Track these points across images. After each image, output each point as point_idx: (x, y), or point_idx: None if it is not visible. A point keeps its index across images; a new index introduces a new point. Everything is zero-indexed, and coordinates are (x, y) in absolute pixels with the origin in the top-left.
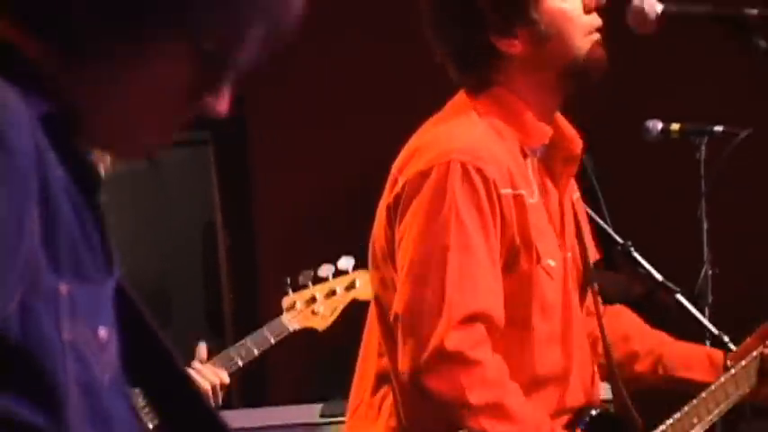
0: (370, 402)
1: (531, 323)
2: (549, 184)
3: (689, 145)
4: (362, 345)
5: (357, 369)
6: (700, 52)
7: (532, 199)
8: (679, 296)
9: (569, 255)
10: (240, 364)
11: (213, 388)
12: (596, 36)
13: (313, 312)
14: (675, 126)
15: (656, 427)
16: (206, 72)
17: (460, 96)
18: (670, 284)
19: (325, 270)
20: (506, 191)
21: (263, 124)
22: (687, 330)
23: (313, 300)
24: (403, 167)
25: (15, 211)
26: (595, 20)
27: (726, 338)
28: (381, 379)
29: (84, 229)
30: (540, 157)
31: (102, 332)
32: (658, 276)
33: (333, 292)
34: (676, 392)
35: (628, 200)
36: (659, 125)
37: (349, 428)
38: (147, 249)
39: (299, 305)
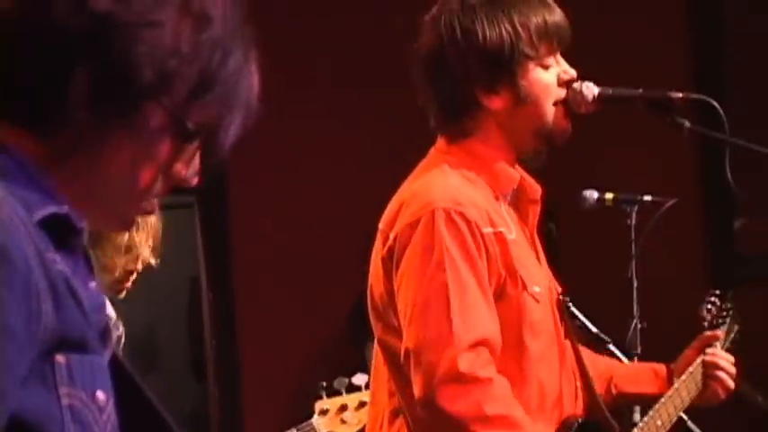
0: None
1: (524, 343)
2: (520, 224)
3: (621, 212)
4: (371, 389)
5: (369, 412)
6: (631, 130)
7: (511, 235)
8: (611, 346)
9: (548, 282)
10: None
11: None
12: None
13: (342, 421)
14: (609, 195)
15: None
16: (183, 150)
17: (432, 152)
18: (603, 336)
19: (359, 379)
20: (488, 230)
21: (244, 190)
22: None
23: (344, 408)
24: (392, 222)
25: (23, 315)
26: (562, 92)
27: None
28: (394, 415)
29: (84, 311)
30: (510, 201)
31: (100, 395)
32: (593, 328)
33: (363, 404)
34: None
35: (566, 260)
36: (595, 194)
37: None
38: (137, 302)
39: (331, 411)
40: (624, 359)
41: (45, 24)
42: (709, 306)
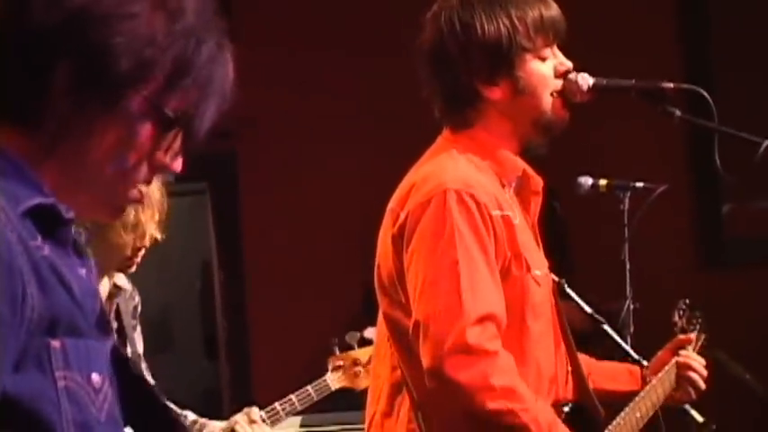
0: (387, 411)
1: (526, 323)
2: (523, 212)
3: (614, 198)
4: (373, 364)
5: (370, 386)
6: (624, 119)
7: (516, 220)
8: (605, 326)
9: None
10: (285, 417)
11: None
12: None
13: (355, 375)
14: (603, 182)
15: (612, 419)
16: (163, 137)
17: (439, 140)
18: (597, 316)
19: (370, 332)
20: (496, 212)
21: (254, 177)
22: (611, 356)
23: (356, 363)
24: (403, 202)
25: (7, 298)
26: (559, 83)
27: (645, 362)
28: (396, 389)
29: (73, 295)
30: (514, 190)
31: (96, 377)
32: (588, 309)
33: None
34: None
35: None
36: (590, 181)
37: None
38: (152, 285)
39: (344, 367)
40: (617, 338)
41: (23, 22)
42: (681, 313)
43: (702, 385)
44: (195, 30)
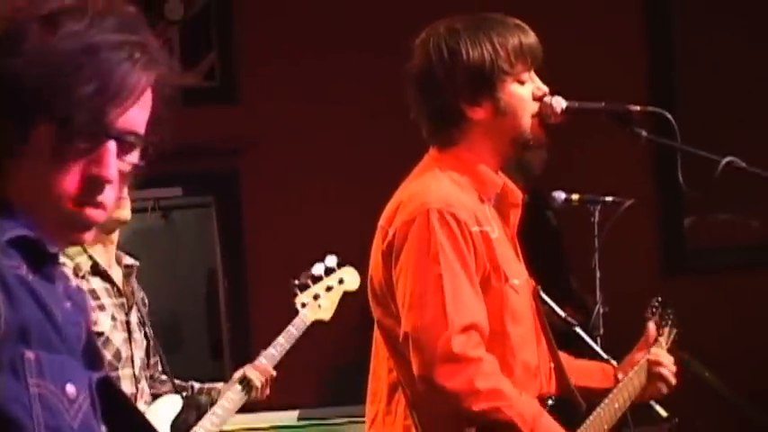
0: (387, 410)
1: (506, 328)
2: (502, 225)
3: (586, 211)
4: (372, 367)
5: (369, 387)
6: (595, 139)
7: (495, 234)
8: (577, 329)
9: (526, 276)
10: (279, 357)
11: (266, 381)
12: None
13: (319, 306)
14: (575, 196)
15: (590, 411)
16: (87, 151)
17: (426, 158)
18: (570, 319)
19: (318, 269)
20: (475, 228)
21: (256, 191)
22: (583, 355)
23: (317, 296)
24: (391, 220)
25: None
26: (536, 106)
27: (614, 362)
28: (393, 389)
29: (51, 316)
30: (494, 204)
31: (71, 388)
32: (561, 313)
33: (329, 288)
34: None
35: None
36: (563, 195)
37: None
38: (162, 291)
39: (309, 302)
40: (588, 339)
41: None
42: (654, 310)
43: (673, 381)
44: (90, 43)
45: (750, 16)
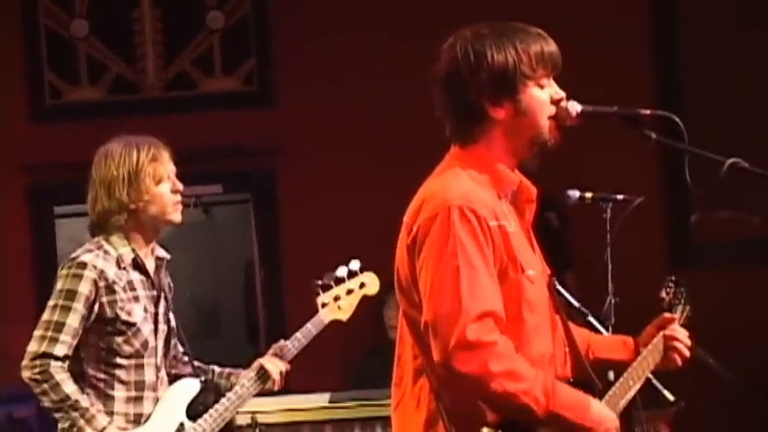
0: (412, 393)
1: (522, 317)
2: (518, 219)
3: (598, 208)
4: (398, 352)
5: (395, 371)
6: (608, 140)
7: (512, 228)
8: (590, 318)
9: (541, 267)
10: (295, 352)
11: (280, 374)
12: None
13: (339, 307)
14: (589, 194)
15: (608, 387)
16: None
17: (447, 157)
18: (583, 309)
19: (341, 271)
20: (493, 223)
21: (291, 189)
22: None
23: (337, 297)
24: (415, 216)
25: None
26: (554, 109)
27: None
28: (418, 374)
29: None
30: (510, 200)
31: None
32: (575, 302)
33: (350, 291)
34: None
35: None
36: (577, 193)
37: (398, 417)
38: (204, 280)
39: (329, 302)
40: (600, 328)
41: None
42: (668, 289)
43: (687, 353)
44: None
45: (755, 21)
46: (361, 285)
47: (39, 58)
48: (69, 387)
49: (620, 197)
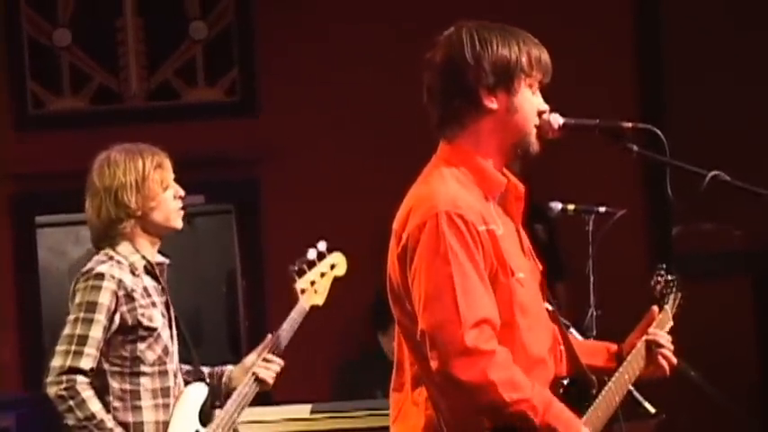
0: (412, 399)
1: (515, 321)
2: (507, 219)
3: (580, 220)
4: (396, 358)
5: (394, 378)
6: (589, 153)
7: (500, 231)
8: (572, 329)
9: (532, 268)
10: (284, 344)
11: (275, 374)
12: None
13: (315, 291)
14: (571, 206)
15: (603, 384)
16: None
17: (432, 161)
18: (565, 321)
19: (311, 254)
20: (482, 228)
21: (273, 199)
22: None
23: (313, 282)
24: (404, 224)
25: None
26: (537, 120)
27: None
28: (416, 381)
29: None
30: (498, 201)
31: None
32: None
33: (323, 274)
34: None
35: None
36: (559, 205)
37: (399, 423)
38: (186, 289)
39: (307, 288)
40: (581, 339)
41: None
42: (659, 278)
43: (673, 358)
44: None
45: (739, 32)
46: (332, 267)
47: (21, 68)
48: (95, 405)
49: (602, 209)
